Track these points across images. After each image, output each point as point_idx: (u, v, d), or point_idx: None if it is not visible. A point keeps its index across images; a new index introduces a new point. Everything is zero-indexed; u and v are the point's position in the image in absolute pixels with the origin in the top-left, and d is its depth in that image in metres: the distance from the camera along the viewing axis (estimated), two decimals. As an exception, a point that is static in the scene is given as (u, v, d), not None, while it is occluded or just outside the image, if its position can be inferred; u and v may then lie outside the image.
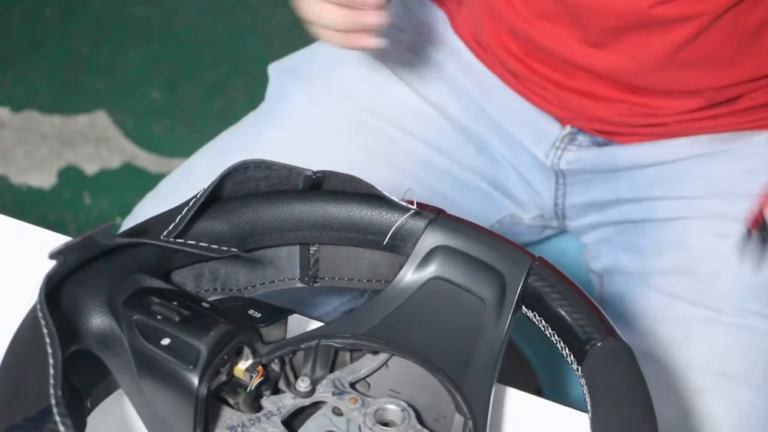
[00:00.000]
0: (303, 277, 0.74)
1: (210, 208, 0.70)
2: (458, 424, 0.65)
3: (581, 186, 1.03)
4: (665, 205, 0.97)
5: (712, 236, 0.93)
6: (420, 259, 0.70)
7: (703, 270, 0.92)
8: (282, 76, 1.07)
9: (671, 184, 0.98)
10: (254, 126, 1.06)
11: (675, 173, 0.98)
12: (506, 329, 0.68)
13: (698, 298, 0.91)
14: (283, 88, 1.05)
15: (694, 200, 0.96)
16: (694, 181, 0.97)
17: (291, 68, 1.07)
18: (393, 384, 0.69)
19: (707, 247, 0.93)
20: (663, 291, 0.93)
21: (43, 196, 1.91)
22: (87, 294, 0.64)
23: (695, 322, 0.91)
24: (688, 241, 0.94)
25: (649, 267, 0.96)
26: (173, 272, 0.70)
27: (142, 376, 0.63)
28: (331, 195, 0.72)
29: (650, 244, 0.97)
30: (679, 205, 0.96)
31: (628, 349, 0.64)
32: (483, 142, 1.04)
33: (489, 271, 0.69)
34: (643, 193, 0.99)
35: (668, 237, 0.96)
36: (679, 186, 0.97)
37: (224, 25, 2.19)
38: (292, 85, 1.04)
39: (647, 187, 0.99)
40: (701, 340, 0.91)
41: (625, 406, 0.60)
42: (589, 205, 1.04)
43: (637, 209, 1.00)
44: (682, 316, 0.92)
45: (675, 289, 0.93)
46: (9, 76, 2.09)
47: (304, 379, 0.67)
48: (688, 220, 0.95)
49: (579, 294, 0.67)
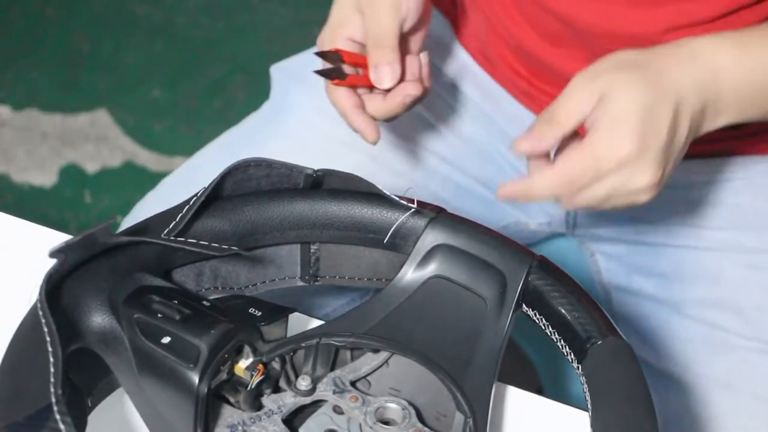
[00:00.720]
0: (304, 276, 0.74)
1: (211, 206, 0.70)
2: (459, 423, 0.65)
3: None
4: (687, 232, 0.95)
5: (748, 270, 0.92)
6: (420, 257, 0.70)
7: (746, 303, 0.91)
8: (285, 79, 1.06)
9: (690, 212, 0.96)
10: (258, 130, 1.05)
11: (692, 200, 0.96)
12: (507, 328, 0.68)
13: (747, 331, 0.90)
14: (286, 92, 1.05)
15: (718, 231, 0.94)
16: (716, 210, 0.95)
17: (294, 71, 1.06)
18: (393, 382, 0.69)
19: (745, 280, 0.92)
20: (706, 322, 0.92)
21: (44, 194, 1.91)
22: (87, 292, 0.64)
23: (750, 354, 0.90)
24: (723, 274, 0.92)
25: (680, 296, 0.94)
26: (174, 271, 0.70)
27: (142, 375, 0.63)
28: (332, 193, 0.72)
29: (674, 271, 0.95)
30: (703, 235, 0.95)
31: (628, 347, 0.64)
32: (489, 151, 1.04)
33: (489, 270, 0.69)
34: (660, 216, 0.98)
35: (697, 267, 0.94)
36: (699, 214, 0.95)
37: (225, 24, 2.19)
38: (296, 89, 1.04)
39: (664, 210, 0.97)
40: (760, 371, 0.90)
41: (626, 404, 0.60)
42: (602, 218, 1.03)
43: (653, 231, 0.98)
44: (733, 346, 0.91)
45: (720, 321, 0.91)
46: (10, 75, 2.09)
47: (304, 377, 0.67)
48: (718, 252, 0.93)
49: (580, 292, 0.67)
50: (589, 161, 0.67)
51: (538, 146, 0.69)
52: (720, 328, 0.91)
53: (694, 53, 0.71)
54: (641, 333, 0.97)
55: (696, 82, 0.70)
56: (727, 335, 0.90)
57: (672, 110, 0.68)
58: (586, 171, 0.67)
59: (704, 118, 0.71)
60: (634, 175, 0.67)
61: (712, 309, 0.92)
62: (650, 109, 0.67)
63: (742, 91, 0.71)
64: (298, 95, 1.03)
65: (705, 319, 0.92)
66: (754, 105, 0.72)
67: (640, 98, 0.67)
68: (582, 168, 0.67)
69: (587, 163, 0.67)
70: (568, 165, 0.68)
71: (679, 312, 0.94)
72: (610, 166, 0.67)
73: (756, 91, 0.72)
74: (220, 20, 2.19)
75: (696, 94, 0.69)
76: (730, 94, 0.71)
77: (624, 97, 0.67)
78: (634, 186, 0.68)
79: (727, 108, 0.71)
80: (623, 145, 0.66)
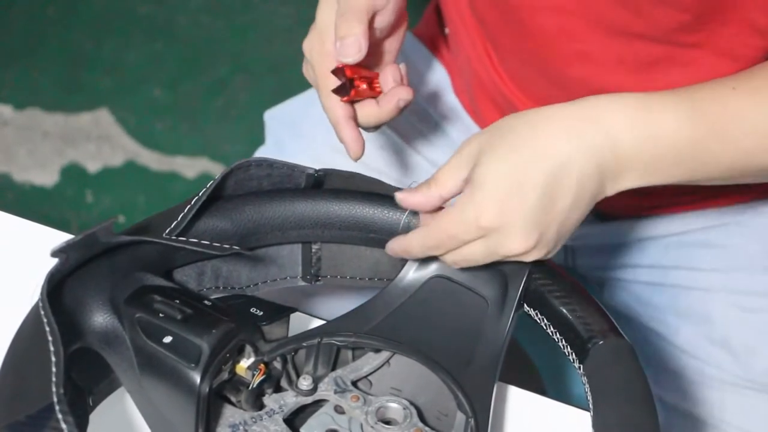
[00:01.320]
0: (305, 276, 0.74)
1: (212, 206, 0.70)
2: (460, 422, 0.65)
3: (589, 252, 1.03)
4: (680, 275, 0.96)
5: (739, 311, 0.92)
6: (422, 257, 0.70)
7: (737, 344, 0.91)
8: (280, 129, 1.05)
9: (684, 256, 0.96)
10: None
11: (686, 243, 0.97)
12: (508, 327, 0.68)
13: (740, 371, 0.91)
14: (281, 144, 1.03)
15: (711, 273, 0.94)
16: (709, 252, 0.95)
17: (288, 120, 1.05)
18: (395, 382, 0.69)
19: (737, 321, 0.92)
20: (699, 358, 0.92)
21: (46, 194, 1.91)
22: (89, 292, 0.64)
23: (745, 392, 0.91)
24: (714, 314, 0.93)
25: (675, 329, 0.95)
26: (175, 270, 0.70)
27: (144, 374, 0.63)
28: (333, 193, 0.72)
29: (669, 306, 0.96)
30: (696, 277, 0.95)
31: (629, 347, 0.64)
32: None
33: (491, 270, 0.69)
34: (654, 260, 0.98)
35: (689, 304, 0.95)
36: (692, 257, 0.96)
37: (226, 24, 2.19)
38: (291, 141, 1.03)
39: (658, 255, 0.98)
40: (754, 411, 0.91)
41: (627, 404, 0.60)
42: (599, 266, 1.03)
43: (648, 273, 0.99)
44: (727, 383, 0.91)
45: (713, 358, 0.92)
46: (11, 74, 2.09)
47: (306, 377, 0.67)
48: (710, 293, 0.94)
49: (581, 292, 0.67)
50: (457, 225, 0.67)
51: (420, 203, 0.69)
52: (713, 365, 0.91)
53: (590, 115, 0.69)
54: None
55: (585, 144, 0.67)
56: (721, 373, 0.91)
57: (544, 175, 0.66)
58: (454, 234, 0.67)
59: (604, 179, 0.68)
60: (500, 241, 0.66)
61: (705, 345, 0.92)
62: (514, 176, 0.66)
63: (641, 159, 0.69)
64: (295, 147, 1.02)
65: (698, 354, 0.92)
66: (659, 172, 0.69)
67: (505, 166, 0.66)
68: (450, 231, 0.67)
69: (454, 226, 0.67)
70: (440, 226, 0.68)
71: (673, 344, 0.94)
72: (475, 232, 0.66)
73: (656, 159, 0.69)
74: (222, 20, 2.19)
75: (586, 156, 0.67)
76: (628, 159, 0.68)
77: (490, 165, 0.66)
78: (506, 251, 0.67)
79: (628, 173, 0.69)
80: (485, 212, 0.66)
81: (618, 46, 0.82)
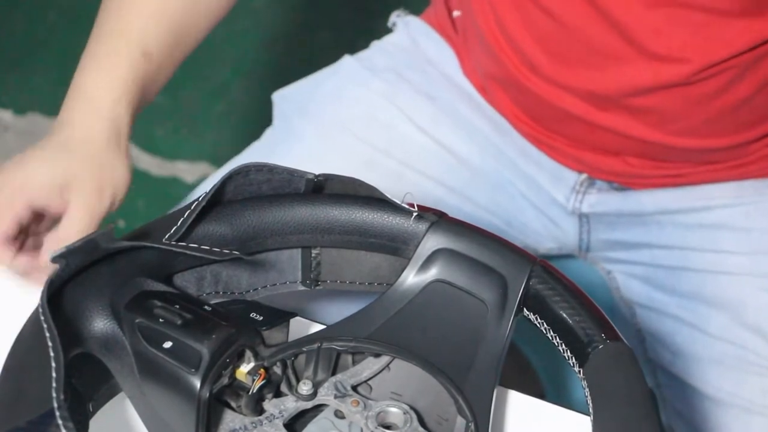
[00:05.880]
0: (305, 280, 0.74)
1: (212, 211, 0.70)
2: (460, 427, 0.65)
3: (607, 226, 1.03)
4: (704, 257, 0.96)
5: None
6: (422, 261, 0.70)
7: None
8: (288, 109, 1.06)
9: (706, 237, 0.97)
10: (261, 158, 1.05)
11: (707, 224, 0.97)
12: (508, 332, 0.68)
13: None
14: (289, 123, 1.04)
15: (735, 256, 0.95)
16: (732, 235, 0.96)
17: (296, 101, 1.06)
18: (395, 387, 0.69)
19: (766, 305, 0.93)
20: (735, 344, 0.93)
21: (46, 199, 1.91)
22: (89, 297, 0.64)
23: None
24: (745, 299, 0.93)
25: (706, 317, 0.95)
26: (175, 275, 0.70)
27: (144, 380, 0.63)
28: (333, 198, 0.72)
29: (696, 293, 0.96)
30: (721, 260, 0.96)
31: (630, 351, 0.64)
32: (498, 180, 1.04)
33: (491, 274, 0.69)
34: (674, 241, 0.99)
35: (717, 291, 0.95)
36: (715, 240, 0.96)
37: (226, 28, 2.18)
38: (299, 120, 1.04)
39: (678, 235, 0.98)
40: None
41: (628, 408, 0.60)
42: (616, 243, 1.03)
43: (669, 256, 0.99)
44: (761, 367, 0.91)
45: (750, 343, 0.92)
46: (12, 79, 2.09)
47: (306, 382, 0.67)
48: (738, 277, 0.94)
49: (581, 296, 0.67)
50: None
51: None
52: (750, 350, 0.91)
53: None
54: (670, 350, 0.97)
55: None
56: (759, 358, 0.91)
57: None
58: None
59: None
60: None
61: (740, 331, 0.92)
62: None
63: None
64: (302, 126, 1.03)
65: (734, 340, 0.92)
66: None
67: None
68: None
69: None
70: None
71: (706, 333, 0.94)
72: None
73: None
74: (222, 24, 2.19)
75: None
76: None
77: None
78: None
79: None
80: None
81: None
